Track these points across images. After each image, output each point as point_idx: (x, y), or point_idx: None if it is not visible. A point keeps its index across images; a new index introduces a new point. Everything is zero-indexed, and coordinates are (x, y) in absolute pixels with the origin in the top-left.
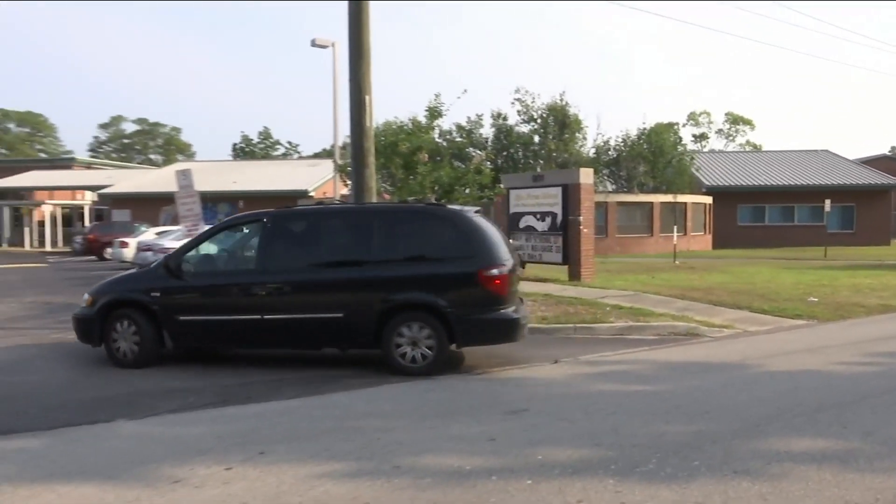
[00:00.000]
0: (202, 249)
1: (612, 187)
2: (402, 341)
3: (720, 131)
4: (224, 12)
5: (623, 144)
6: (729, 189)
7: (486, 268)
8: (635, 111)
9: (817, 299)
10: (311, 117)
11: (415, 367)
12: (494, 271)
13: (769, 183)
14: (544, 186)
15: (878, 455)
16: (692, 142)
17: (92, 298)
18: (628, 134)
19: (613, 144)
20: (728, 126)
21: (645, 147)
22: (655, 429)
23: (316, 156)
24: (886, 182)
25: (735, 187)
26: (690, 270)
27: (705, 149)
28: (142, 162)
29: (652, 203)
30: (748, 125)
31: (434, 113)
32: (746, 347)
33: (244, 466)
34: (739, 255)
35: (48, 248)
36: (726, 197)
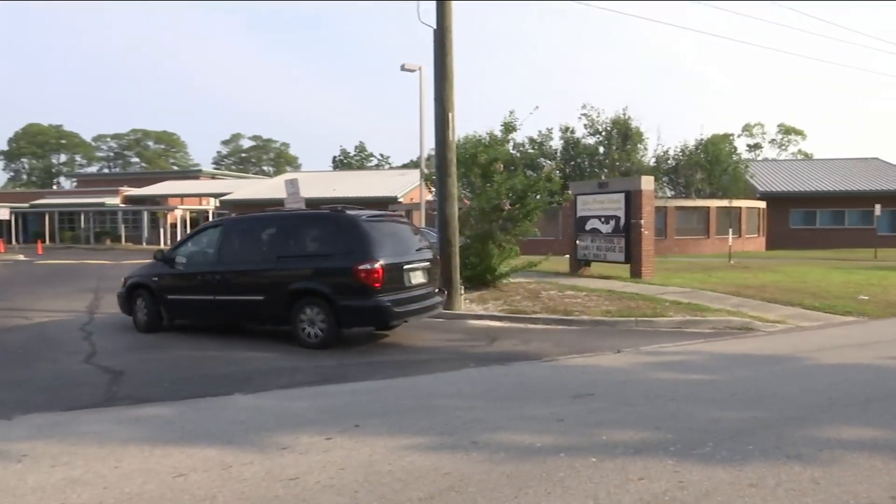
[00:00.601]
0: (186, 246)
1: (671, 193)
2: (304, 320)
3: (773, 141)
4: (327, 42)
5: (681, 154)
6: (781, 194)
7: (360, 263)
8: (693, 123)
9: (867, 297)
10: (401, 132)
11: (312, 342)
12: (366, 266)
13: (820, 188)
14: (608, 192)
15: None
16: (746, 151)
17: (124, 281)
18: (686, 144)
19: (672, 154)
20: (781, 136)
21: (702, 156)
22: (712, 415)
23: (404, 166)
24: None
25: (787, 193)
26: (745, 270)
27: (759, 157)
28: (256, 173)
29: (708, 207)
30: (800, 135)
31: (509, 127)
32: (798, 341)
33: (341, 437)
34: (791, 256)
35: None
36: (779, 202)
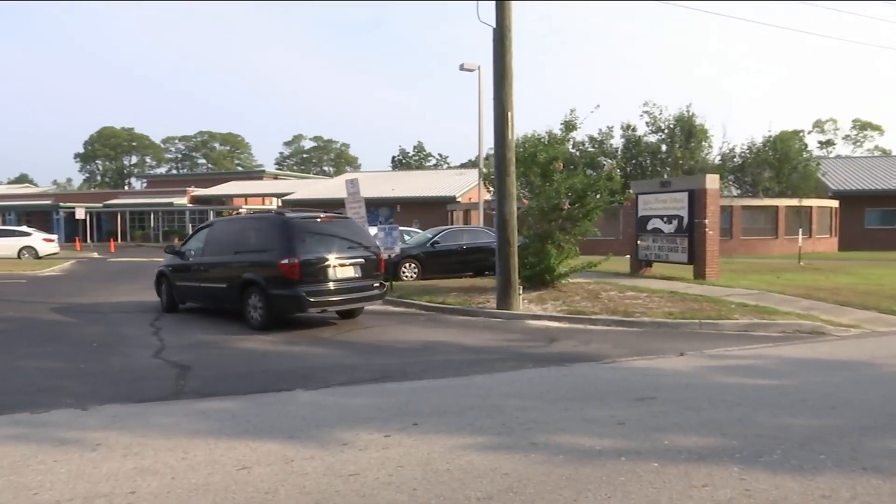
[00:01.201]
0: (189, 242)
1: (737, 192)
2: (250, 305)
3: (847, 137)
4: (387, 42)
5: (748, 152)
6: (856, 193)
7: (283, 258)
8: (761, 120)
9: None
10: (459, 132)
11: (255, 324)
12: (286, 261)
13: None
14: (671, 192)
15: None
16: (818, 148)
17: (157, 270)
18: (753, 142)
19: (739, 152)
20: (856, 132)
21: (770, 154)
22: (780, 421)
23: (462, 166)
24: None
25: (863, 191)
26: (815, 271)
27: (831, 155)
28: (317, 173)
29: (777, 207)
30: (877, 130)
31: (569, 126)
32: (875, 347)
33: (400, 435)
34: (866, 258)
35: None
36: (853, 201)
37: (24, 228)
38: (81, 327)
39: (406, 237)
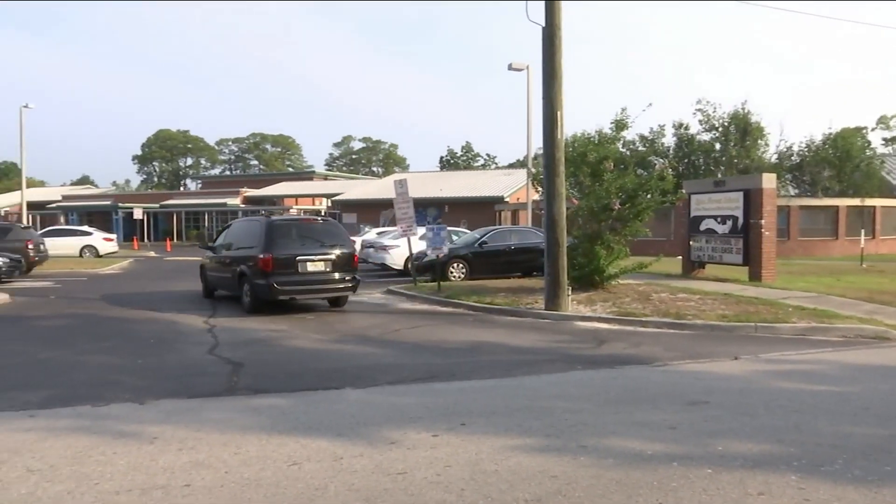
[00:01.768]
0: (218, 238)
1: (795, 191)
2: (244, 292)
3: None
4: (435, 43)
5: (807, 149)
6: None
7: (260, 254)
8: (821, 117)
9: None
10: (507, 132)
11: (247, 308)
12: (262, 256)
13: None
14: (726, 191)
15: None
16: (882, 145)
17: (200, 264)
18: (812, 139)
19: (797, 150)
20: None
21: (830, 152)
22: (842, 429)
23: (510, 166)
24: None
25: None
26: (879, 274)
27: None
28: (366, 173)
29: (837, 207)
30: None
31: (620, 125)
32: None
33: (448, 434)
34: None
35: None
36: None
37: (86, 228)
38: (139, 323)
39: (454, 237)
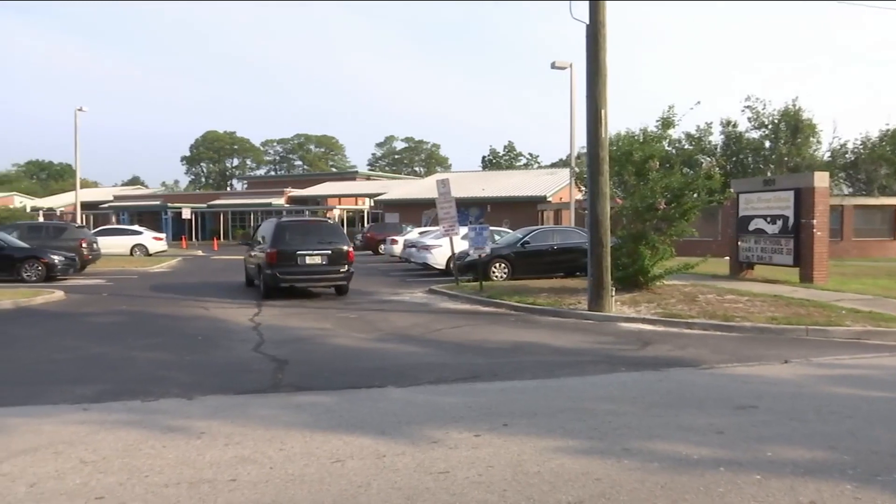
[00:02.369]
0: (255, 235)
1: (849, 190)
2: (261, 281)
3: None
4: (477, 42)
5: (862, 147)
6: None
7: (269, 248)
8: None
9: None
10: (549, 131)
11: (262, 294)
12: (270, 250)
13: None
14: (776, 190)
15: None
16: None
17: (243, 258)
18: (868, 136)
19: (851, 147)
20: None
21: (888, 149)
22: None
23: (553, 165)
24: None
25: None
26: None
27: None
28: (408, 173)
29: (894, 206)
30: None
31: (667, 123)
32: None
33: (490, 434)
34: None
35: None
36: None
37: (136, 227)
38: (188, 321)
39: (496, 237)
